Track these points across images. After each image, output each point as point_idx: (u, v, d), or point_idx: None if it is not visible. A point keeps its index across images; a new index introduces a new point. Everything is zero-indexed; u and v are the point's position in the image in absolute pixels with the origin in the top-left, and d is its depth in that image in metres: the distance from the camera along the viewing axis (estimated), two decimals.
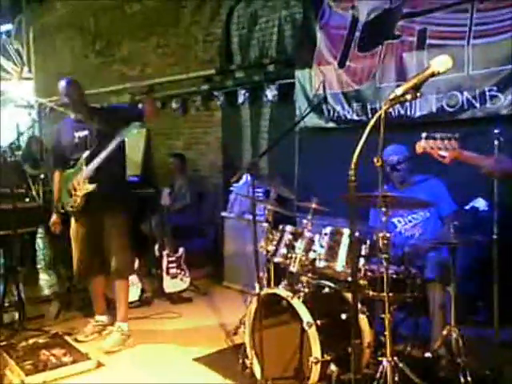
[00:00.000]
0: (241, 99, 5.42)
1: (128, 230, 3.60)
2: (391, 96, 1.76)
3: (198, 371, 3.12)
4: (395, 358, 2.39)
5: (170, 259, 4.54)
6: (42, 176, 4.97)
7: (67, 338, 3.51)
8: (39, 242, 4.57)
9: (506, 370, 2.71)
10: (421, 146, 2.33)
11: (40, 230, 4.84)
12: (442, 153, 2.33)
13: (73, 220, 3.56)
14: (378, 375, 2.38)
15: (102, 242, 3.50)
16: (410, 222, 3.24)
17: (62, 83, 3.45)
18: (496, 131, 2.76)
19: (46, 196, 4.52)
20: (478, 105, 3.54)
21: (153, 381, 3.02)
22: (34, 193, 4.34)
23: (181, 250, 4.60)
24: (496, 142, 2.75)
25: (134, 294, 4.19)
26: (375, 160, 1.89)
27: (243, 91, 5.38)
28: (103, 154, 3.32)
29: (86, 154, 3.38)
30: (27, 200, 4.54)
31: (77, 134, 3.46)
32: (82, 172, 3.38)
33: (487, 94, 3.48)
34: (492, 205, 2.78)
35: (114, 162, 3.40)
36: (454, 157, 2.32)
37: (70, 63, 8.14)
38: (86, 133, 3.44)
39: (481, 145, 2.94)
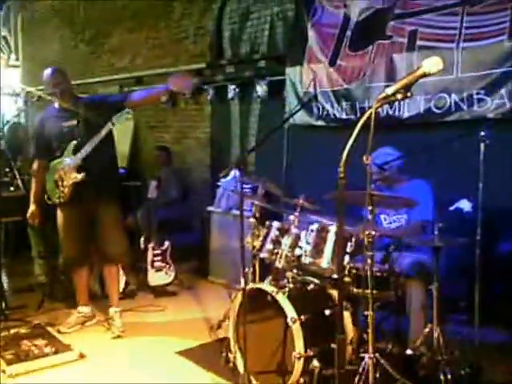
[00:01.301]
0: (230, 94, 5.40)
1: (121, 218, 3.62)
2: (382, 95, 1.77)
3: (180, 364, 3.12)
4: (377, 355, 2.41)
5: (156, 252, 4.52)
6: (19, 164, 4.90)
7: (49, 328, 3.49)
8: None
9: (486, 369, 2.76)
10: None
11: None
12: None
13: (60, 211, 3.51)
14: (360, 371, 2.40)
15: (90, 232, 3.48)
16: (394, 222, 3.27)
17: (49, 72, 3.42)
18: (482, 134, 2.80)
19: (25, 185, 4.47)
20: (465, 107, 3.59)
21: (135, 373, 3.01)
22: (19, 182, 4.28)
23: (166, 243, 4.58)
24: (482, 145, 2.79)
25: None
26: (364, 158, 1.91)
27: (233, 86, 5.37)
28: (92, 143, 3.29)
29: (73, 143, 3.35)
30: (12, 189, 4.48)
31: (65, 124, 3.42)
32: (70, 162, 3.35)
33: (475, 96, 3.53)
34: (476, 206, 2.82)
35: (102, 151, 3.37)
36: None
37: (58, 52, 8.04)
38: (73, 122, 3.41)
39: (467, 147, 2.99)
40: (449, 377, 2.49)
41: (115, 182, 3.63)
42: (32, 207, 3.60)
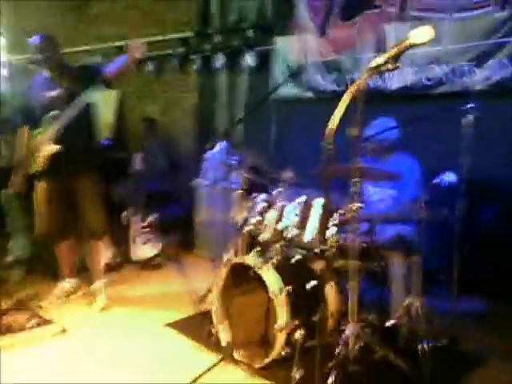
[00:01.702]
0: (218, 64, 5.29)
1: (100, 192, 3.54)
2: (372, 64, 1.73)
3: (166, 336, 3.12)
4: (358, 326, 2.43)
5: (141, 225, 4.49)
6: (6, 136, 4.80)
7: (32, 302, 3.47)
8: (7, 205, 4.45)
9: (463, 339, 2.82)
10: None
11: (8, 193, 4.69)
12: None
13: (38, 181, 3.46)
14: (341, 342, 2.42)
15: (69, 205, 3.43)
16: (375, 194, 3.26)
17: (37, 38, 3.33)
18: (471, 106, 2.77)
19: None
20: (454, 79, 3.54)
21: (119, 346, 3.00)
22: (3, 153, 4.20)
23: (152, 216, 4.55)
24: (471, 117, 2.76)
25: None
26: (352, 130, 1.87)
27: (221, 56, 5.25)
28: (64, 118, 3.22)
29: (52, 113, 3.28)
30: None
31: (48, 93, 3.34)
32: (47, 132, 3.28)
33: (464, 68, 3.48)
34: (459, 179, 2.81)
35: (80, 123, 3.30)
36: None
37: (42, 20, 7.78)
38: (56, 92, 3.33)
39: (455, 119, 2.96)
40: (426, 347, 2.52)
41: (94, 155, 3.54)
42: (16, 175, 3.52)
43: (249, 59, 4.96)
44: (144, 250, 4.47)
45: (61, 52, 3.42)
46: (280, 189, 3.03)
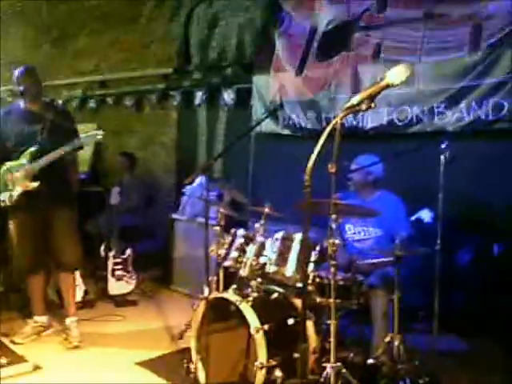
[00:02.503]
0: (197, 101, 5.37)
1: (75, 225, 3.50)
2: (347, 104, 1.79)
3: (140, 375, 3.04)
4: (339, 364, 2.42)
5: (116, 260, 4.41)
6: None
7: (3, 339, 3.35)
8: None
9: (444, 377, 2.81)
10: None
11: None
12: None
13: (13, 217, 3.39)
14: (322, 380, 2.40)
15: (42, 239, 3.38)
16: (359, 233, 3.29)
17: (19, 70, 3.31)
18: (443, 146, 2.87)
19: None
20: (426, 120, 3.67)
21: None
22: None
23: (128, 251, 4.48)
24: (442, 157, 2.86)
25: (77, 295, 4.03)
26: (329, 166, 1.91)
27: (200, 93, 5.33)
28: (55, 155, 3.18)
29: (33, 149, 3.24)
30: None
31: (27, 127, 3.30)
32: (25, 167, 3.23)
33: (435, 109, 3.62)
34: (436, 217, 2.88)
35: (60, 160, 3.26)
36: None
37: (21, 52, 7.79)
38: (36, 127, 3.28)
39: (428, 159, 3.06)
40: None
41: (70, 189, 3.50)
42: None
43: (227, 97, 5.06)
44: (119, 285, 4.38)
45: (41, 86, 3.40)
46: (259, 224, 3.04)
